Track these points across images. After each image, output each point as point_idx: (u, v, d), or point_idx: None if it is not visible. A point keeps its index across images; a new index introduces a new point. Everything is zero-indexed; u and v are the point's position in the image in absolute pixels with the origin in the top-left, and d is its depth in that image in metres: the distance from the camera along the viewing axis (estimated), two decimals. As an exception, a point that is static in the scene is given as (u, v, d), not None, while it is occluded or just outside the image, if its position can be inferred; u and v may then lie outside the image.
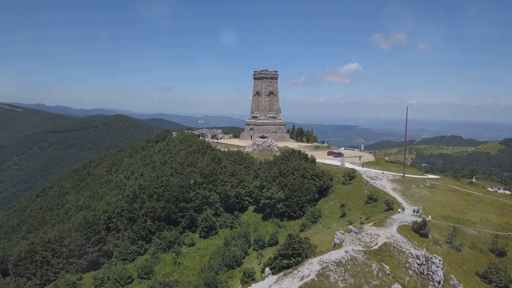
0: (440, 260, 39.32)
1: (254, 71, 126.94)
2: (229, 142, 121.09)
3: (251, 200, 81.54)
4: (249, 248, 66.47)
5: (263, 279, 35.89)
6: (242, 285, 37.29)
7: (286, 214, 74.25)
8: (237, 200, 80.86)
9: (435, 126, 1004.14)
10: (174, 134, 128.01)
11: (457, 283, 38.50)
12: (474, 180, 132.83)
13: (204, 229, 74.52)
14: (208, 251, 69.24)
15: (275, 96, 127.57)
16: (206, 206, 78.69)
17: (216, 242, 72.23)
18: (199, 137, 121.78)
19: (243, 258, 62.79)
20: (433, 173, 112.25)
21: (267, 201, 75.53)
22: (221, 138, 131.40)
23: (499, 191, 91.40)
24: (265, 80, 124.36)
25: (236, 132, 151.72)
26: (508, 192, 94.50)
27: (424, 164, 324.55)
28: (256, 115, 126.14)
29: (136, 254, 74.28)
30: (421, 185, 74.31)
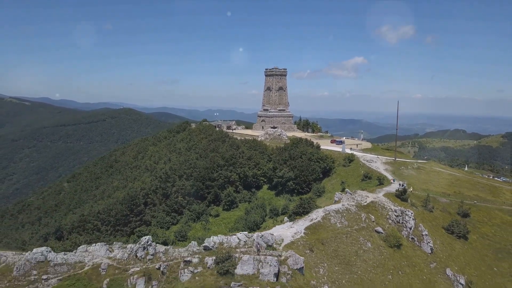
0: (411, 213, 53.56)
1: (266, 69, 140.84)
2: (243, 132, 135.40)
3: (265, 180, 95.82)
4: (265, 216, 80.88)
5: (283, 222, 50.30)
6: (266, 227, 51.60)
7: (295, 190, 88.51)
8: (253, 180, 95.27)
9: (440, 120, 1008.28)
10: (193, 125, 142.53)
11: (423, 229, 52.68)
12: (466, 168, 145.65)
13: (227, 203, 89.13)
14: (231, 220, 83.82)
15: (284, 91, 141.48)
16: (228, 184, 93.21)
17: (237, 214, 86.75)
18: (215, 128, 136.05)
19: (261, 223, 77.23)
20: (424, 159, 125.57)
21: (279, 180, 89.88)
22: (235, 129, 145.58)
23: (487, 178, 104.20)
24: (275, 76, 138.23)
25: (241, 124, 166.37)
26: (490, 177, 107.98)
27: (426, 157, 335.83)
28: (267, 108, 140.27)
29: (170, 223, 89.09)
30: (409, 167, 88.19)
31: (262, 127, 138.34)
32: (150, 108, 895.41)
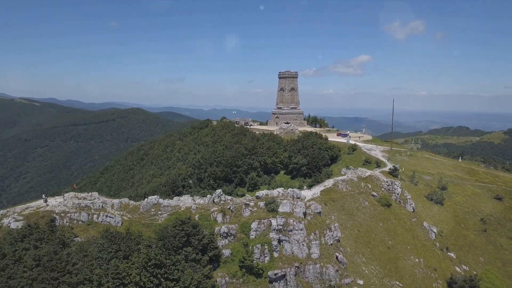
0: (399, 183, 71.58)
1: (279, 72, 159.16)
2: (260, 127, 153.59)
3: (282, 166, 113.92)
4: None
5: (302, 189, 68.56)
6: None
7: (307, 174, 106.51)
8: (272, 166, 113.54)
9: (445, 117, 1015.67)
10: (214, 122, 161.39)
11: (408, 194, 70.70)
12: (460, 160, 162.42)
13: (250, 185, 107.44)
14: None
15: (295, 91, 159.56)
16: (251, 170, 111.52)
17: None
18: (235, 124, 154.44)
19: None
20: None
21: (294, 166, 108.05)
22: (251, 125, 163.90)
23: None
24: (288, 78, 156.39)
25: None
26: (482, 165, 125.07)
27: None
28: (280, 106, 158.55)
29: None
30: (403, 154, 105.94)
31: (276, 123, 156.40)
32: (156, 107, 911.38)
